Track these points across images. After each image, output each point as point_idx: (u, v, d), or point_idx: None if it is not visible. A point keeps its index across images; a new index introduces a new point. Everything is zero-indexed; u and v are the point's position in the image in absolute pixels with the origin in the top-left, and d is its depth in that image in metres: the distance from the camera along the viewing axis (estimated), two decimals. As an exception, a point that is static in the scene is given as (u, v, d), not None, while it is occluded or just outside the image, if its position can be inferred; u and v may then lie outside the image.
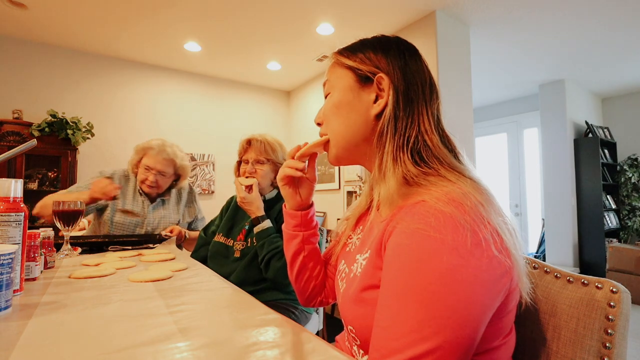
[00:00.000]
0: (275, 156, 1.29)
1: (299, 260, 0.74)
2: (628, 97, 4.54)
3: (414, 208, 0.45)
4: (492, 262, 0.40)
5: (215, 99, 4.06)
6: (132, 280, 0.79)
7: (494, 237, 0.41)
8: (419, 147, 0.51)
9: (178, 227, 1.54)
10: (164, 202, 1.65)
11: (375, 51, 0.57)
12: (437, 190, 0.45)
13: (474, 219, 0.41)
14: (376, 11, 2.65)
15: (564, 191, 4.07)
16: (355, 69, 0.57)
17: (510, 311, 0.46)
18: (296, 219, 0.74)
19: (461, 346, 0.38)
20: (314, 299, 0.76)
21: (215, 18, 2.74)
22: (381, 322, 0.42)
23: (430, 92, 0.55)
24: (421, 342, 0.38)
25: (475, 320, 0.39)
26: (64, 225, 1.08)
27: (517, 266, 0.44)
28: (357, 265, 0.54)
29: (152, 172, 1.55)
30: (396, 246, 0.44)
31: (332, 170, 3.79)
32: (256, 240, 1.14)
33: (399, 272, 0.42)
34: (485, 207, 0.43)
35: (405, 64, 0.55)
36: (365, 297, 0.49)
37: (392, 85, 0.53)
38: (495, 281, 0.41)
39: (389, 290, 0.43)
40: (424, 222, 0.42)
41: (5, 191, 0.64)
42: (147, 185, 1.55)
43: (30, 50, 3.08)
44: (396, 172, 0.50)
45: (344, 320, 0.54)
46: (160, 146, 1.58)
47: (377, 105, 0.55)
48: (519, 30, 2.90)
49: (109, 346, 0.44)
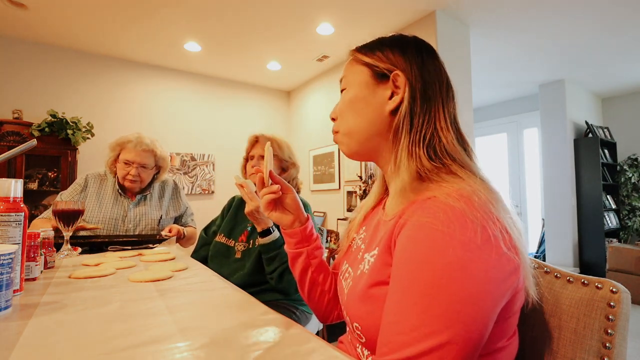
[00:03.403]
0: (281, 153, 1.30)
1: (308, 276, 0.74)
2: (628, 97, 4.54)
3: (424, 203, 0.45)
4: (502, 259, 0.40)
5: (215, 99, 4.06)
6: (132, 280, 0.79)
7: (503, 234, 0.41)
8: (434, 144, 0.52)
9: (177, 226, 1.53)
10: (145, 197, 1.63)
11: (393, 49, 0.57)
12: (448, 186, 0.46)
13: (484, 215, 0.41)
14: (376, 11, 2.65)
15: (564, 191, 4.07)
16: (372, 66, 0.58)
17: (515, 312, 0.46)
18: (296, 236, 0.73)
19: (471, 341, 0.38)
20: (330, 313, 0.75)
21: (215, 18, 2.73)
22: (390, 316, 0.42)
23: (447, 91, 0.56)
24: (431, 336, 0.38)
25: (485, 316, 0.39)
26: (64, 225, 1.08)
27: (525, 265, 0.44)
28: (365, 262, 0.54)
29: (133, 165, 1.52)
30: (406, 240, 0.45)
31: (332, 170, 3.79)
32: (265, 251, 1.10)
33: (408, 266, 0.43)
34: (495, 204, 0.43)
35: (422, 63, 0.56)
36: (374, 293, 0.49)
37: (408, 83, 0.54)
38: (504, 278, 0.41)
39: (398, 284, 0.43)
40: (433, 217, 0.42)
41: (5, 191, 0.64)
42: (129, 180, 1.53)
43: (30, 50, 3.08)
44: (410, 167, 0.51)
45: (350, 318, 0.54)
46: (138, 138, 1.56)
47: (392, 102, 0.55)
48: (519, 30, 2.90)
49: (109, 346, 0.44)
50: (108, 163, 1.60)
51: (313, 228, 0.76)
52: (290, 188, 0.73)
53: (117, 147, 1.57)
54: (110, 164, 1.59)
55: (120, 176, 1.55)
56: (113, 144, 1.58)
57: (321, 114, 3.98)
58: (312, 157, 4.12)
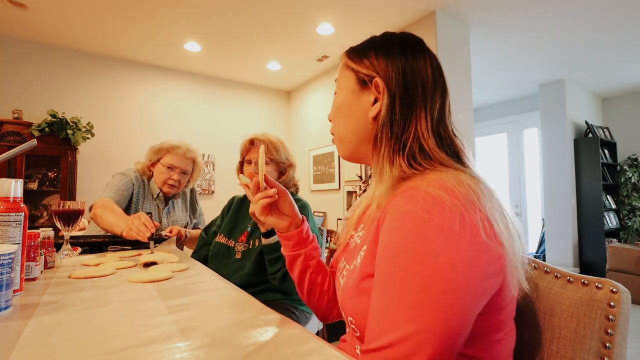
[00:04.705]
0: (278, 156, 1.29)
1: (307, 277, 0.74)
2: (628, 97, 4.54)
3: (405, 192, 0.46)
4: (481, 247, 0.40)
5: (215, 99, 4.06)
6: (132, 281, 0.79)
7: (484, 223, 0.41)
8: (414, 151, 0.51)
9: (177, 227, 1.54)
10: (174, 204, 1.65)
11: (377, 53, 0.57)
12: (430, 176, 0.46)
13: (464, 204, 0.41)
14: (376, 11, 2.65)
15: (564, 191, 4.07)
16: (356, 72, 0.58)
17: (507, 305, 0.46)
18: (292, 239, 0.73)
19: (448, 328, 0.38)
20: (330, 312, 0.76)
21: (216, 18, 2.74)
22: (373, 305, 0.43)
23: (432, 91, 0.55)
24: (407, 324, 0.38)
25: (464, 305, 0.39)
26: (64, 225, 1.08)
27: (510, 260, 0.43)
28: (358, 257, 0.55)
29: (176, 170, 1.54)
30: (386, 229, 0.45)
31: (332, 170, 3.79)
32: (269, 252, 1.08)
33: (387, 256, 0.43)
34: (479, 195, 0.43)
35: (405, 64, 0.55)
36: (364, 286, 0.49)
37: (387, 90, 0.54)
38: (483, 265, 0.40)
39: (379, 274, 0.44)
40: (413, 204, 0.43)
41: (5, 191, 0.64)
42: (169, 185, 1.54)
43: (30, 50, 3.08)
44: (393, 174, 0.51)
45: (345, 312, 0.55)
46: (185, 144, 1.58)
47: (375, 108, 0.56)
48: (519, 30, 2.90)
49: (109, 346, 0.44)
50: (144, 166, 1.58)
51: (309, 230, 0.76)
52: (285, 191, 0.73)
53: (161, 151, 1.57)
54: (146, 167, 1.58)
55: (160, 180, 1.55)
56: (158, 148, 1.57)
57: (321, 114, 3.98)
58: (312, 157, 4.12)
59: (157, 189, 1.57)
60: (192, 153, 1.59)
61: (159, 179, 1.55)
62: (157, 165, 1.56)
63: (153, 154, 1.58)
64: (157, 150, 1.57)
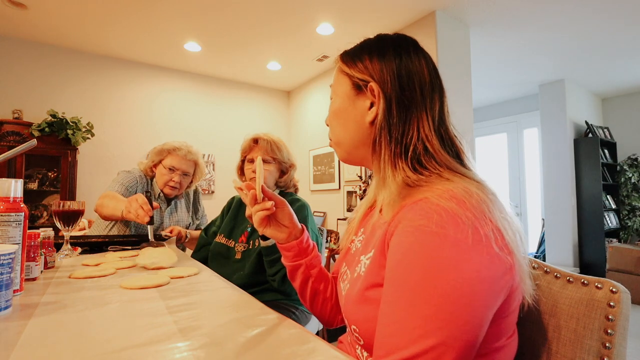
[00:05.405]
0: (280, 156, 1.29)
1: (309, 286, 0.73)
2: (628, 97, 4.54)
3: (416, 205, 0.45)
4: (494, 259, 0.40)
5: (215, 99, 4.07)
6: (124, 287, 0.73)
7: (495, 235, 0.41)
8: (419, 154, 0.51)
9: (177, 227, 1.54)
10: (177, 204, 1.65)
11: (371, 56, 0.56)
12: (439, 187, 0.45)
13: (476, 215, 0.41)
14: (376, 11, 2.65)
15: (564, 191, 4.07)
16: (351, 77, 0.57)
17: (512, 311, 0.46)
18: (292, 250, 0.72)
19: (465, 342, 0.38)
20: (334, 318, 0.75)
21: (216, 18, 2.74)
22: (384, 318, 0.42)
23: (431, 92, 0.54)
24: (424, 338, 0.38)
25: (478, 317, 0.39)
26: (64, 225, 1.08)
27: (520, 266, 0.44)
28: (361, 265, 0.54)
29: (177, 172, 1.54)
30: (398, 243, 0.44)
31: (332, 170, 3.79)
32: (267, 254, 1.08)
33: (400, 267, 0.43)
34: (488, 205, 0.43)
35: (400, 66, 0.54)
36: (369, 295, 0.49)
37: (382, 94, 0.53)
38: (497, 278, 0.41)
39: (391, 286, 0.43)
40: (427, 218, 0.42)
41: (5, 191, 0.64)
42: (170, 187, 1.54)
43: (30, 50, 3.08)
44: (396, 178, 0.50)
45: (347, 320, 0.54)
46: (186, 147, 1.58)
47: (371, 113, 0.55)
48: (519, 30, 2.90)
49: (109, 346, 0.44)
50: (146, 166, 1.59)
51: (309, 239, 0.74)
52: (284, 202, 0.71)
53: (163, 153, 1.57)
54: (148, 168, 1.59)
55: (162, 182, 1.55)
56: (159, 149, 1.57)
57: (321, 114, 3.98)
58: (312, 157, 4.12)
59: (158, 189, 1.57)
60: (193, 155, 1.59)
61: (160, 180, 1.55)
62: (159, 167, 1.57)
63: (155, 155, 1.58)
64: (159, 151, 1.57)
